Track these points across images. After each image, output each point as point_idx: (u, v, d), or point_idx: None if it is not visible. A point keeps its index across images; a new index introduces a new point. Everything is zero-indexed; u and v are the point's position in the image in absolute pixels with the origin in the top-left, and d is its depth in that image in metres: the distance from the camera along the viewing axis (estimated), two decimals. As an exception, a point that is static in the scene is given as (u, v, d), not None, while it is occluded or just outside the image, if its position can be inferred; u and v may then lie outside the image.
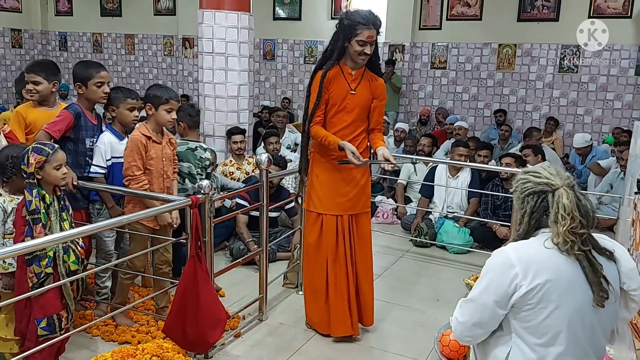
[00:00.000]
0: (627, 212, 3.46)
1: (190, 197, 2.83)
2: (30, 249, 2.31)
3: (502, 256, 1.76)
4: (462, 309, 1.85)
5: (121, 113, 3.26)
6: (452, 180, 5.31)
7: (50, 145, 2.67)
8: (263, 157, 3.32)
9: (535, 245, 1.75)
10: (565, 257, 1.70)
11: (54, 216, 2.63)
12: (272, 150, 5.57)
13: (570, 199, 1.71)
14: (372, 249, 3.31)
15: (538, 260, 1.71)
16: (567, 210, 1.69)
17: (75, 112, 3.16)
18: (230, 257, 4.45)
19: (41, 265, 2.51)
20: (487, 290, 1.76)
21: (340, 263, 3.17)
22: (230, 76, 5.21)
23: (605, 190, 5.62)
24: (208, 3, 5.11)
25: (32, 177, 2.57)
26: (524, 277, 1.69)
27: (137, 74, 11.39)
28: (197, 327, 2.77)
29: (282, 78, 10.17)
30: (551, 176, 1.77)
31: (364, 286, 3.25)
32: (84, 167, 3.24)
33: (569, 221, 1.68)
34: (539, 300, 1.69)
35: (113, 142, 3.26)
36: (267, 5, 9.74)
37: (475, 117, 8.88)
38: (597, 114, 8.13)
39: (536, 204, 1.77)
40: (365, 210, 3.24)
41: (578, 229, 1.69)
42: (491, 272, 1.77)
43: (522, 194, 1.81)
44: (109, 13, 11.30)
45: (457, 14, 8.71)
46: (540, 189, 1.76)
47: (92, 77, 3.17)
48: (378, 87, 3.14)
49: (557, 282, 1.68)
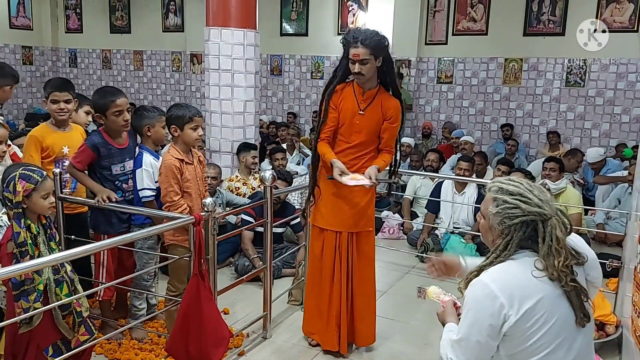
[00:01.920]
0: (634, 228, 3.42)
1: (193, 214, 2.83)
2: (29, 269, 2.22)
3: (483, 289, 1.69)
4: (457, 350, 1.76)
5: (157, 132, 3.25)
6: (458, 196, 5.29)
7: (39, 172, 2.50)
8: (267, 174, 3.32)
9: (514, 269, 1.71)
10: (548, 283, 1.67)
11: (42, 246, 2.47)
12: (278, 166, 5.58)
13: (562, 230, 1.67)
14: (374, 269, 3.29)
15: (521, 287, 1.67)
16: (561, 244, 1.65)
17: (92, 144, 3.11)
18: (235, 273, 4.44)
19: (29, 300, 2.36)
20: (476, 326, 1.70)
21: (336, 280, 3.18)
22: (236, 92, 5.24)
23: (614, 205, 5.57)
24: (215, 20, 5.16)
25: (19, 207, 2.39)
26: (510, 306, 1.65)
27: (145, 89, 11.50)
28: (199, 346, 2.76)
29: (289, 93, 10.22)
30: (542, 203, 1.70)
31: (361, 306, 3.23)
32: (115, 193, 3.15)
33: (563, 256, 1.64)
34: (530, 326, 1.66)
35: (154, 162, 3.23)
36: (274, 21, 9.83)
37: (482, 131, 8.86)
38: (605, 128, 8.09)
39: (525, 233, 1.70)
40: (367, 229, 3.22)
41: (570, 262, 1.66)
42: (475, 307, 1.70)
43: (511, 220, 1.71)
44: (118, 30, 11.45)
45: (463, 28, 8.74)
46: (532, 218, 1.69)
47: (109, 106, 3.09)
48: (391, 108, 3.07)
49: (541, 302, 1.66)
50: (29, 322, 2.42)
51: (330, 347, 3.22)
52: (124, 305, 3.60)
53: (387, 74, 3.06)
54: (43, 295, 2.42)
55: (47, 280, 2.43)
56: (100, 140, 3.13)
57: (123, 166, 3.21)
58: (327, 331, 3.21)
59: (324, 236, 3.19)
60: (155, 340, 3.30)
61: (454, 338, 1.77)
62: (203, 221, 2.82)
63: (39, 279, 2.39)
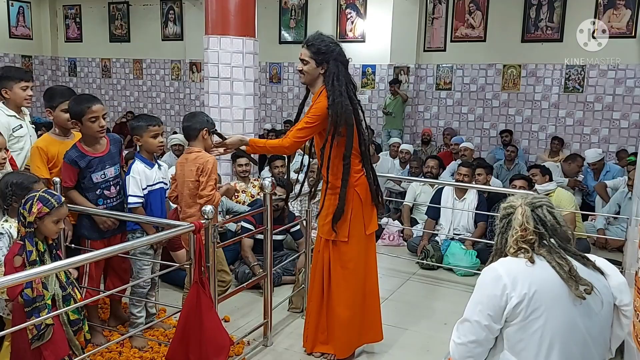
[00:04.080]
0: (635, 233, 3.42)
1: (193, 222, 2.83)
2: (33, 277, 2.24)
3: (491, 271, 1.83)
4: (459, 331, 1.88)
5: (146, 142, 3.27)
6: (458, 202, 5.29)
7: (57, 198, 2.59)
8: (266, 181, 3.33)
9: (519, 261, 1.83)
10: (546, 271, 1.77)
11: (49, 263, 2.53)
12: (277, 173, 5.58)
13: (523, 214, 1.84)
14: (353, 277, 3.19)
15: (523, 273, 1.77)
16: (518, 223, 1.84)
17: (69, 160, 3.12)
18: (235, 281, 4.43)
19: (41, 316, 2.41)
20: (480, 306, 1.80)
21: (316, 281, 3.25)
22: (235, 100, 5.25)
23: (614, 210, 5.57)
24: (214, 29, 5.18)
25: (31, 226, 2.49)
26: (513, 288, 1.75)
27: (145, 98, 11.52)
28: (200, 354, 2.75)
29: (288, 101, 10.25)
30: (514, 199, 1.93)
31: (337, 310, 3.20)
32: (96, 201, 3.20)
33: (519, 232, 1.83)
34: (529, 312, 1.73)
35: (145, 170, 3.27)
36: (273, 30, 9.86)
37: (481, 137, 8.88)
38: (604, 134, 8.10)
39: (503, 225, 1.92)
40: (330, 237, 3.14)
41: (528, 237, 1.81)
42: (481, 287, 1.84)
43: (499, 220, 1.96)
44: (117, 39, 11.49)
45: (461, 35, 8.78)
46: (506, 212, 1.92)
47: (85, 112, 3.08)
48: (318, 102, 3.01)
49: (542, 293, 1.74)
50: (40, 338, 2.46)
51: (346, 354, 3.21)
52: (118, 313, 3.61)
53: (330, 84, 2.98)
54: (53, 311, 2.48)
55: (56, 297, 2.51)
56: (77, 154, 3.13)
57: (104, 173, 3.22)
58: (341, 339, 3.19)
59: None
60: (155, 349, 3.29)
61: (459, 320, 1.89)
62: (203, 229, 2.82)
63: (47, 294, 2.46)
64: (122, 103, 11.66)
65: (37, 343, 2.46)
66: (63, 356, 2.53)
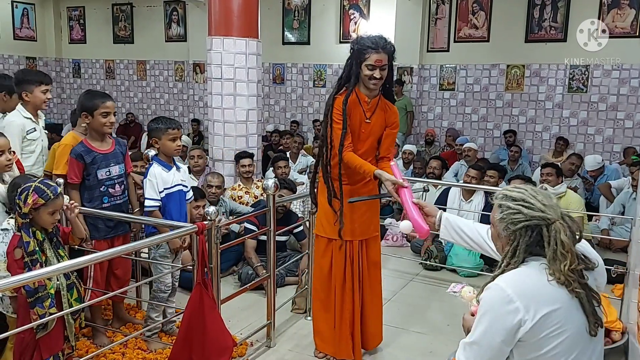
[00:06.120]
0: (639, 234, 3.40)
1: (196, 223, 2.83)
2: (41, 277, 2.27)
3: (499, 293, 1.67)
4: (468, 353, 1.73)
5: (164, 144, 3.27)
6: (465, 204, 5.27)
7: (53, 189, 2.55)
8: (270, 182, 3.33)
9: (529, 275, 1.70)
10: (565, 292, 1.66)
11: (49, 252, 2.56)
12: (280, 174, 5.59)
13: (567, 234, 1.66)
14: (381, 274, 3.29)
15: (537, 293, 1.65)
16: (566, 248, 1.64)
17: (76, 154, 3.16)
18: (239, 282, 4.44)
19: (44, 306, 2.43)
20: (491, 331, 1.67)
21: (347, 289, 3.15)
22: (238, 101, 5.26)
23: (618, 211, 5.54)
24: (217, 30, 5.19)
25: (26, 217, 2.47)
26: (527, 311, 1.63)
27: (148, 99, 11.55)
28: (203, 355, 2.76)
29: (291, 101, 10.25)
30: (545, 208, 1.70)
31: (370, 312, 3.23)
32: (101, 198, 3.23)
33: (569, 259, 1.63)
34: (546, 333, 1.64)
35: (162, 173, 3.26)
36: (276, 31, 9.86)
37: (484, 138, 8.86)
38: (608, 134, 8.07)
39: (531, 238, 1.70)
40: (374, 234, 3.23)
41: (577, 266, 1.65)
42: (490, 311, 1.68)
43: (515, 226, 1.72)
44: (121, 40, 11.52)
45: (464, 35, 8.76)
46: (535, 223, 1.70)
47: (98, 107, 3.16)
48: (392, 115, 3.10)
49: (558, 311, 1.64)
50: (44, 327, 2.48)
51: (345, 356, 3.20)
52: (121, 314, 3.63)
53: (387, 80, 3.05)
54: (56, 300, 2.50)
55: (60, 286, 2.53)
56: (83, 148, 3.19)
57: (108, 171, 3.25)
58: (341, 342, 3.18)
59: (333, 247, 3.15)
60: (158, 350, 3.29)
61: (467, 340, 1.75)
62: (206, 230, 2.82)
63: (50, 284, 2.47)
64: (126, 104, 11.69)
65: (42, 333, 2.50)
66: (57, 352, 2.57)
